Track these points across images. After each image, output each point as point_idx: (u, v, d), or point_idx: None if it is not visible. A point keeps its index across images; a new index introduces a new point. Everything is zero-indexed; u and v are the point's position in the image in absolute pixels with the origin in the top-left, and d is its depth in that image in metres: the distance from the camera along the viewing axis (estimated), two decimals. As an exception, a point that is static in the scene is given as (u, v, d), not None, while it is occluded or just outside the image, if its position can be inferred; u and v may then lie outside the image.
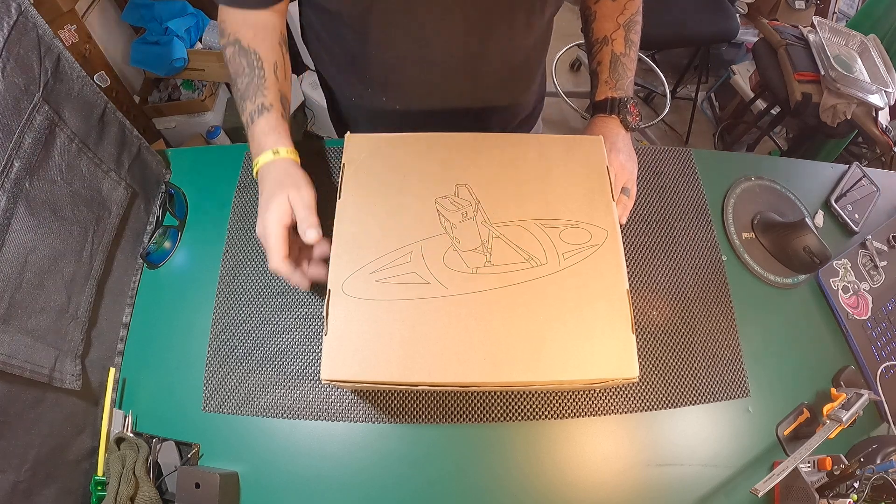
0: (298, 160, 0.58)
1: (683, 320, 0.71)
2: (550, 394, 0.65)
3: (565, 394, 0.65)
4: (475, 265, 0.50)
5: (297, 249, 0.57)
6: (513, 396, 0.65)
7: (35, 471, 0.52)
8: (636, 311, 0.70)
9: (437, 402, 0.64)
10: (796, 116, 1.64)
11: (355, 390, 0.62)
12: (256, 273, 0.72)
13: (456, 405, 0.64)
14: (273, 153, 0.56)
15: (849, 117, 1.53)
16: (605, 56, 0.68)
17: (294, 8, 0.71)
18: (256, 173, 0.57)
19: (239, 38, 0.59)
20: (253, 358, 0.67)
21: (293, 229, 0.55)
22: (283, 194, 0.53)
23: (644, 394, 0.66)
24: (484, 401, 0.65)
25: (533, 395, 0.65)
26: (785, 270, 0.77)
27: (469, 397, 0.65)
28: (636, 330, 0.48)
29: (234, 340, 0.68)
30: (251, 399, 0.65)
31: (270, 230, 0.53)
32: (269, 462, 0.62)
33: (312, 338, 0.68)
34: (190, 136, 1.74)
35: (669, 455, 0.64)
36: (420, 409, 0.64)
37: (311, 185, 0.56)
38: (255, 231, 0.55)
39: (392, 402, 0.64)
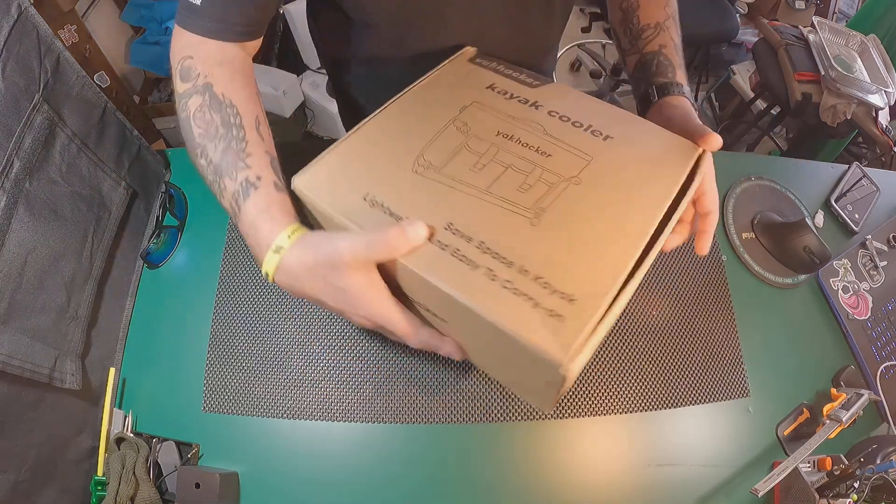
0: (305, 232, 0.41)
1: (683, 320, 0.71)
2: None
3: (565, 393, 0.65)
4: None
5: None
6: (512, 395, 0.65)
7: (35, 471, 0.52)
8: (636, 311, 0.70)
9: (438, 401, 0.64)
10: (796, 116, 1.64)
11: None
12: (256, 273, 0.72)
13: (456, 405, 0.64)
14: (275, 252, 0.40)
15: (849, 117, 1.53)
16: (668, 41, 0.61)
17: (294, 7, 0.71)
18: (273, 281, 0.42)
19: (211, 82, 0.45)
20: (253, 358, 0.67)
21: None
22: (344, 274, 0.39)
23: (644, 394, 0.66)
24: (484, 400, 0.65)
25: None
26: (785, 270, 0.77)
27: (470, 396, 0.65)
28: (637, 328, 0.45)
29: (234, 340, 0.68)
30: (251, 399, 0.65)
31: (383, 308, 0.40)
32: (269, 462, 0.62)
33: (312, 338, 0.68)
34: (190, 136, 1.73)
35: (669, 455, 0.63)
36: (420, 409, 0.64)
37: (342, 234, 0.40)
38: None
39: (393, 401, 0.64)
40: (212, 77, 0.46)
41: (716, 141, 0.46)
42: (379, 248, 0.37)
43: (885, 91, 1.51)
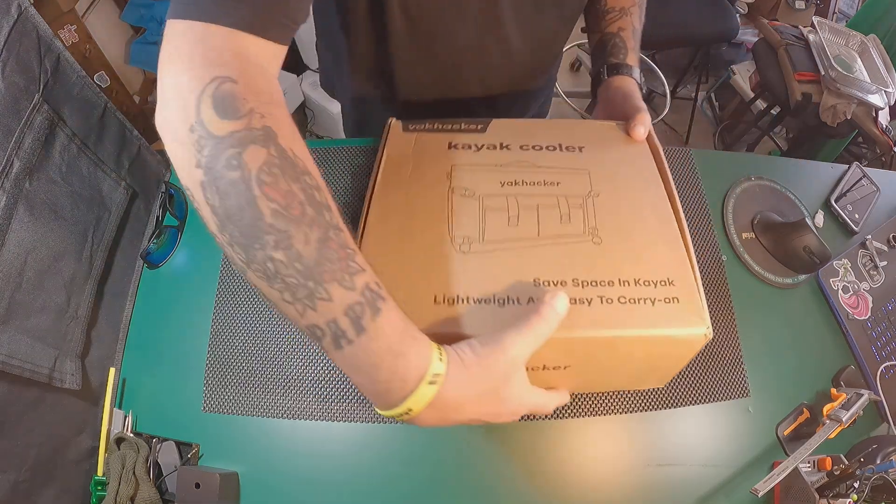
0: (447, 349, 0.35)
1: (683, 320, 0.71)
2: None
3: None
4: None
5: None
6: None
7: (35, 471, 0.52)
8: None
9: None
10: (796, 116, 1.64)
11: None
12: (256, 273, 0.72)
13: (456, 405, 0.64)
14: (431, 384, 0.32)
15: (849, 117, 1.53)
16: (627, 25, 0.65)
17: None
18: (411, 420, 0.34)
19: (271, 127, 0.30)
20: (253, 358, 0.67)
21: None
22: (513, 379, 0.36)
23: (644, 394, 0.66)
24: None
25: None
26: (785, 270, 0.77)
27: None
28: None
29: (234, 340, 0.68)
30: (251, 399, 0.64)
31: (534, 397, 0.40)
32: (269, 462, 0.62)
33: (312, 338, 0.68)
34: (190, 136, 1.73)
35: (669, 455, 0.63)
36: (420, 409, 0.64)
37: (501, 336, 0.35)
38: None
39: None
40: (271, 119, 0.31)
41: (636, 134, 0.53)
42: (544, 332, 0.36)
43: (885, 91, 1.51)
